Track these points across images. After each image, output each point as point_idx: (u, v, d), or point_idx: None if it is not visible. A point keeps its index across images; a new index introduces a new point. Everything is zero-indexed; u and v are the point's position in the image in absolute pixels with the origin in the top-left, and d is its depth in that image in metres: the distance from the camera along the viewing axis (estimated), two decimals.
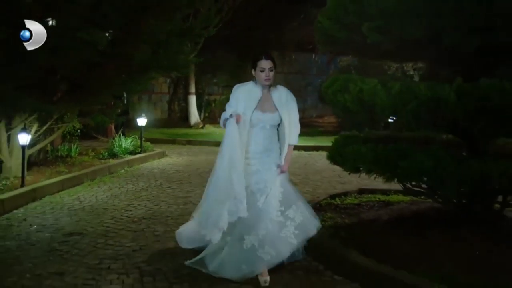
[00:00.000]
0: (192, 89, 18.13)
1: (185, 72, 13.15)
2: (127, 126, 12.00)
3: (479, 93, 3.52)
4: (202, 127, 17.43)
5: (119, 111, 10.26)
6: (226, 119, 3.92)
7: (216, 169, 3.94)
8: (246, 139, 3.92)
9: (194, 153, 11.50)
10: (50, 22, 6.14)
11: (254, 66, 3.96)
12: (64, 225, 5.29)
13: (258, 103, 3.96)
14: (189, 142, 13.59)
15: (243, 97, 3.98)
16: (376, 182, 4.96)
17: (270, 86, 3.99)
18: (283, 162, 4.02)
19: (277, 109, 3.97)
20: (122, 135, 10.37)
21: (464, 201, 4.69)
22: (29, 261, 4.19)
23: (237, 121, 3.79)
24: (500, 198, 4.74)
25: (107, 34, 6.72)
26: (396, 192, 6.39)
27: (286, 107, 4.01)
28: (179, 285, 3.72)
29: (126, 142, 9.87)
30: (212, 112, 19.22)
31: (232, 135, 3.80)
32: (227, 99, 12.61)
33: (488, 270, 3.75)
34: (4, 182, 6.43)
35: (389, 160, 4.04)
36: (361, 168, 4.53)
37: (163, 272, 4.00)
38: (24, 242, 4.71)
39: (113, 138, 10.25)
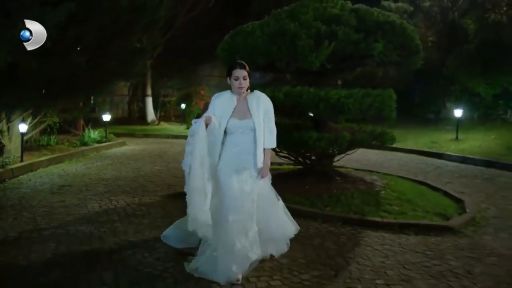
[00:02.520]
0: (149, 91, 20.78)
1: (142, 78, 15.83)
2: (94, 123, 14.66)
3: (294, 94, 6.50)
4: (157, 124, 20.16)
5: (89, 109, 12.97)
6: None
7: (190, 169, 4.00)
8: (218, 143, 4.13)
9: (148, 143, 14.33)
10: None
11: (229, 75, 4.12)
12: (57, 182, 8.05)
13: (233, 111, 4.12)
14: (146, 135, 16.44)
15: (220, 106, 4.14)
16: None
17: (247, 92, 4.20)
18: (260, 165, 4.15)
19: (251, 115, 4.12)
20: (91, 128, 13.06)
21: (307, 160, 7.66)
22: (41, 197, 6.94)
23: (207, 122, 4.00)
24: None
25: (78, 48, 9.43)
26: (289, 164, 9.27)
27: (261, 113, 4.15)
28: (135, 204, 6.55)
29: (94, 134, 12.60)
30: (167, 111, 22.00)
31: (199, 133, 3.95)
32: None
33: (308, 195, 6.67)
34: (8, 159, 9.03)
35: None
36: None
37: (124, 200, 6.82)
38: (33, 190, 7.44)
39: (83, 131, 12.96)
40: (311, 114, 7.14)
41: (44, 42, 5.84)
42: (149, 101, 20.75)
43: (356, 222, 5.80)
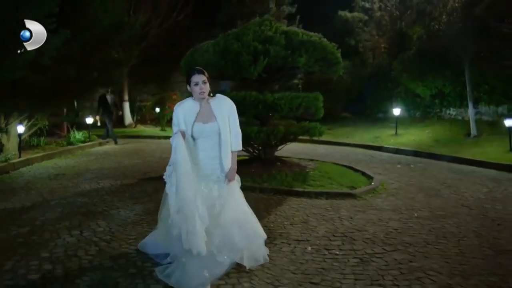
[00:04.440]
0: (126, 97, 22.60)
1: (120, 85, 17.77)
2: (77, 126, 16.44)
3: (240, 97, 8.45)
4: (134, 127, 21.99)
5: (75, 113, 14.84)
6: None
7: (175, 183, 3.99)
8: (195, 150, 4.13)
9: (126, 143, 16.20)
10: None
11: (189, 82, 4.13)
12: (52, 172, 9.88)
13: (197, 116, 4.11)
14: (124, 136, 18.23)
15: (183, 113, 4.11)
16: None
17: (209, 96, 4.20)
18: (227, 169, 4.18)
19: (216, 118, 4.13)
20: (76, 130, 14.88)
21: (256, 151, 9.62)
22: (42, 182, 8.77)
23: (183, 136, 4.00)
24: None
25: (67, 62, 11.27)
26: (244, 155, 11.17)
27: (225, 115, 4.17)
28: (117, 185, 8.43)
29: (78, 134, 14.41)
30: (143, 115, 23.84)
31: (180, 149, 3.93)
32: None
33: (252, 175, 8.62)
34: (9, 155, 10.80)
35: None
36: None
37: (109, 182, 8.70)
38: (35, 177, 9.26)
39: (68, 132, 14.76)
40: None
41: (44, 60, 7.68)
42: (126, 106, 22.57)
43: (284, 192, 7.77)
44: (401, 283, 4.14)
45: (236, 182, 4.34)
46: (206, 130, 4.13)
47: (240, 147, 4.35)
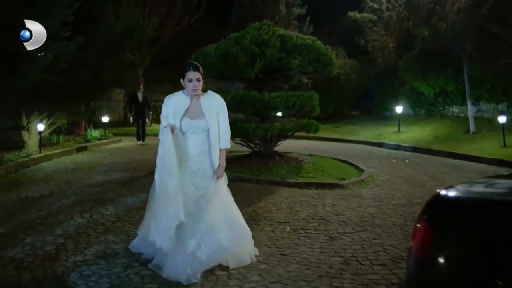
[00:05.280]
0: None
1: (135, 86, 18.67)
2: (94, 124, 17.35)
3: (239, 96, 9.18)
4: (149, 126, 22.76)
5: (92, 112, 15.74)
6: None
7: (155, 179, 4.09)
8: (183, 146, 4.13)
9: None
10: None
11: (183, 77, 4.11)
12: (70, 166, 10.73)
13: (186, 111, 4.12)
14: None
15: (173, 106, 4.14)
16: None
17: (201, 93, 4.19)
18: (216, 167, 4.18)
19: (204, 115, 4.12)
20: (93, 128, 15.77)
21: (257, 147, 10.35)
22: (60, 174, 9.61)
23: (171, 131, 4.01)
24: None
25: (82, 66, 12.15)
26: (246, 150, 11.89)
27: (214, 113, 4.17)
28: (128, 177, 9.23)
29: (95, 132, 15.30)
30: (158, 115, 24.70)
31: (167, 144, 3.96)
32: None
33: (250, 168, 9.35)
34: (30, 151, 11.69)
35: None
36: None
37: (120, 174, 9.50)
38: (53, 171, 10.11)
39: (85, 131, 15.66)
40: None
41: (61, 64, 8.47)
42: None
43: (278, 183, 8.48)
44: (359, 255, 4.83)
45: (223, 180, 4.36)
46: (193, 126, 4.14)
47: (229, 145, 4.32)
